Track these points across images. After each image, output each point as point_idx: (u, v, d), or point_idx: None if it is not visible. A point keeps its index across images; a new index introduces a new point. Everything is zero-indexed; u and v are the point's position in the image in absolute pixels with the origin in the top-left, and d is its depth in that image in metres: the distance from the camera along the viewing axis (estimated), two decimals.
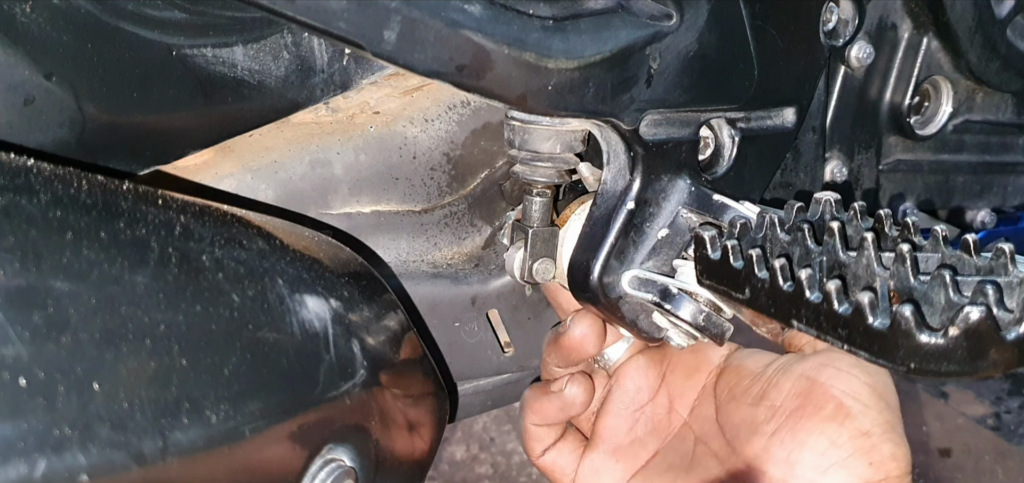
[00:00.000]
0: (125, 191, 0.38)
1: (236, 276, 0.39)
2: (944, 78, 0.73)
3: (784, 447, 0.49)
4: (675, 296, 0.53)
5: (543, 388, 0.59)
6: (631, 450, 0.59)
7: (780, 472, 0.49)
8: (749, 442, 0.51)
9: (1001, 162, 0.83)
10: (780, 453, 0.49)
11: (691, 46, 0.49)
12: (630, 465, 0.58)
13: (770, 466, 0.49)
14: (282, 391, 0.39)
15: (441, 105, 0.60)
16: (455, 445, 1.73)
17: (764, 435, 0.50)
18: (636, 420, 0.59)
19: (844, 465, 0.48)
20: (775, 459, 0.49)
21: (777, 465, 0.49)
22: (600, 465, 0.59)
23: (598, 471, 0.59)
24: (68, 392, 0.31)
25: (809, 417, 0.49)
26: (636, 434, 0.59)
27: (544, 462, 0.61)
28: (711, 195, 0.52)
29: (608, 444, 0.59)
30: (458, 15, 0.41)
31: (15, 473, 0.29)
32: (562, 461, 0.60)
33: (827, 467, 0.48)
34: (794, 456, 0.49)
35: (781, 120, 0.57)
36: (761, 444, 0.50)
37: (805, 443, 0.49)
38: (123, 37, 0.49)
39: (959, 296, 0.36)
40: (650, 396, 0.60)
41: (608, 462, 0.59)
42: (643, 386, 0.60)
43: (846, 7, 0.63)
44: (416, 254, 0.62)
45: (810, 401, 0.50)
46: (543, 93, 0.45)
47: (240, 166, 0.56)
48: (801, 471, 0.48)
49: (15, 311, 0.30)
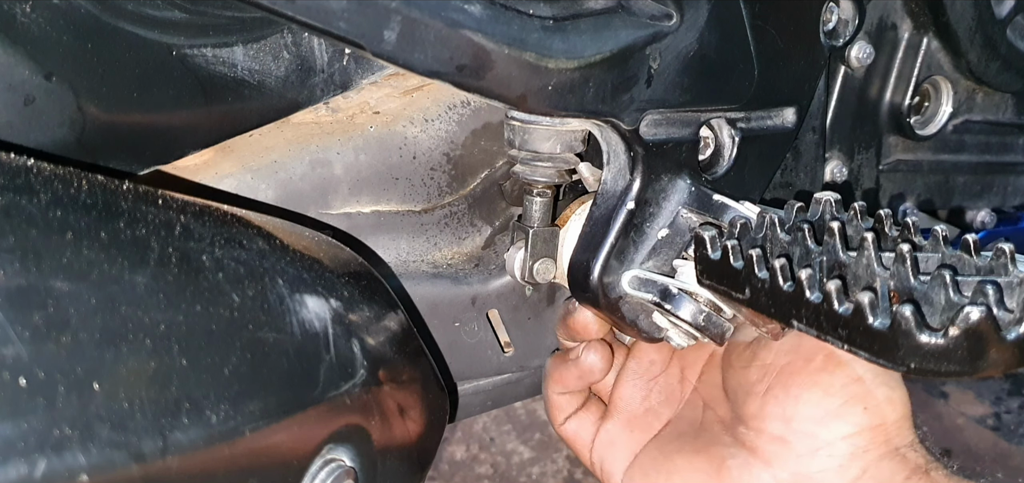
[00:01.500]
0: (125, 191, 0.38)
1: (236, 276, 0.39)
2: (944, 78, 0.73)
3: (779, 403, 0.50)
4: (675, 296, 0.53)
5: (562, 357, 0.60)
6: (645, 419, 0.60)
7: (778, 428, 0.50)
8: (746, 403, 0.52)
9: (1001, 162, 0.83)
10: (776, 409, 0.50)
11: (691, 46, 0.49)
12: (644, 433, 0.59)
13: (768, 423, 0.50)
14: (282, 391, 0.39)
15: (441, 105, 0.60)
16: (455, 445, 1.73)
17: (758, 394, 0.51)
18: (650, 390, 0.61)
19: (839, 414, 0.48)
20: (772, 416, 0.50)
21: (774, 422, 0.50)
22: (616, 434, 0.60)
23: (614, 440, 0.60)
24: (68, 392, 0.31)
25: (799, 371, 0.50)
26: (650, 403, 0.60)
27: (566, 430, 0.62)
28: (711, 195, 0.52)
29: (623, 413, 0.61)
30: (458, 15, 0.41)
31: (15, 473, 0.29)
32: (582, 430, 0.61)
33: (822, 417, 0.48)
34: (790, 411, 0.49)
35: (781, 120, 0.57)
36: (757, 403, 0.51)
37: (799, 397, 0.49)
38: (123, 37, 0.49)
39: (959, 296, 0.36)
40: (663, 367, 0.61)
41: (623, 431, 0.60)
42: (656, 358, 0.61)
43: (846, 7, 0.63)
44: (416, 254, 0.62)
45: (799, 355, 0.50)
46: (543, 93, 0.45)
47: (240, 166, 0.56)
48: (798, 425, 0.49)
49: (15, 311, 0.30)
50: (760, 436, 0.50)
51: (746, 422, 0.52)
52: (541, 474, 1.67)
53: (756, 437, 0.51)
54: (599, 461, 0.60)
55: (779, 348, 0.51)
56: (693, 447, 0.55)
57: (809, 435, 0.48)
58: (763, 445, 0.50)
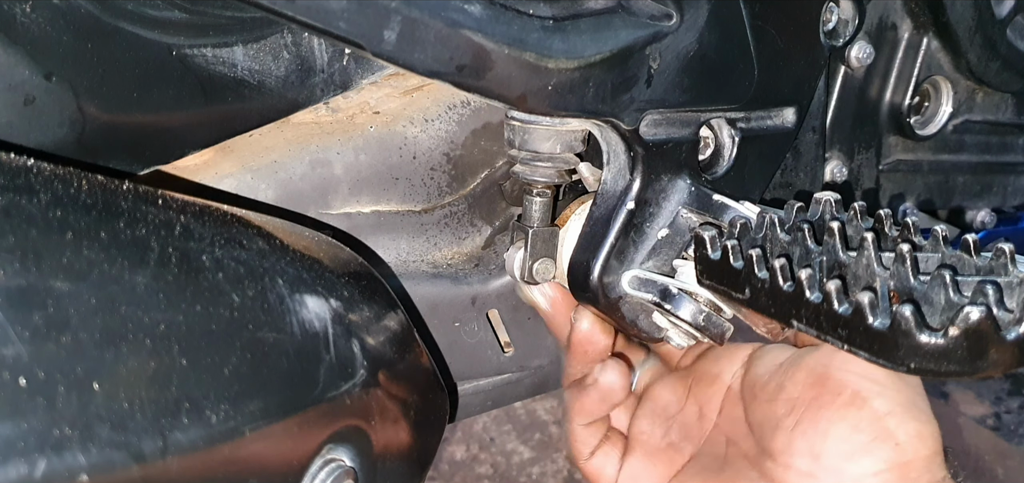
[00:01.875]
0: (125, 191, 0.38)
1: (236, 276, 0.39)
2: (944, 78, 0.73)
3: (807, 439, 0.49)
4: (675, 296, 0.53)
5: (579, 384, 0.59)
6: (667, 455, 0.59)
7: (806, 464, 0.49)
8: (773, 438, 0.51)
9: (1001, 162, 0.83)
10: (803, 445, 0.49)
11: (691, 46, 0.49)
12: (667, 469, 0.58)
13: (795, 459, 0.49)
14: (282, 391, 0.39)
15: (441, 105, 0.60)
16: (455, 445, 1.73)
17: (786, 429, 0.50)
18: (669, 426, 0.60)
19: (868, 450, 0.47)
20: (799, 452, 0.49)
21: (802, 458, 0.49)
22: (639, 471, 0.59)
23: (636, 477, 0.59)
24: (68, 392, 0.31)
25: (827, 406, 0.49)
26: (671, 439, 0.59)
27: (590, 467, 0.61)
28: (711, 195, 0.52)
29: (644, 448, 0.60)
30: (458, 15, 0.41)
31: (15, 473, 0.29)
32: (606, 467, 0.60)
33: (851, 452, 0.47)
34: (818, 447, 0.48)
35: (781, 120, 0.57)
36: (785, 438, 0.50)
37: (827, 433, 0.48)
38: (123, 37, 0.49)
39: (959, 296, 0.36)
40: (679, 407, 0.60)
41: (646, 467, 0.59)
42: (671, 399, 0.60)
43: (846, 7, 0.63)
44: (416, 254, 0.62)
45: (826, 390, 0.49)
46: (543, 93, 0.45)
47: (240, 166, 0.56)
48: (827, 461, 0.48)
49: (15, 311, 0.30)
50: (788, 471, 0.50)
51: (774, 457, 0.51)
52: (541, 474, 1.67)
53: (784, 472, 0.50)
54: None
55: (805, 381, 0.50)
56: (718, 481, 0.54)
57: (837, 470, 0.48)
58: (791, 480, 0.49)
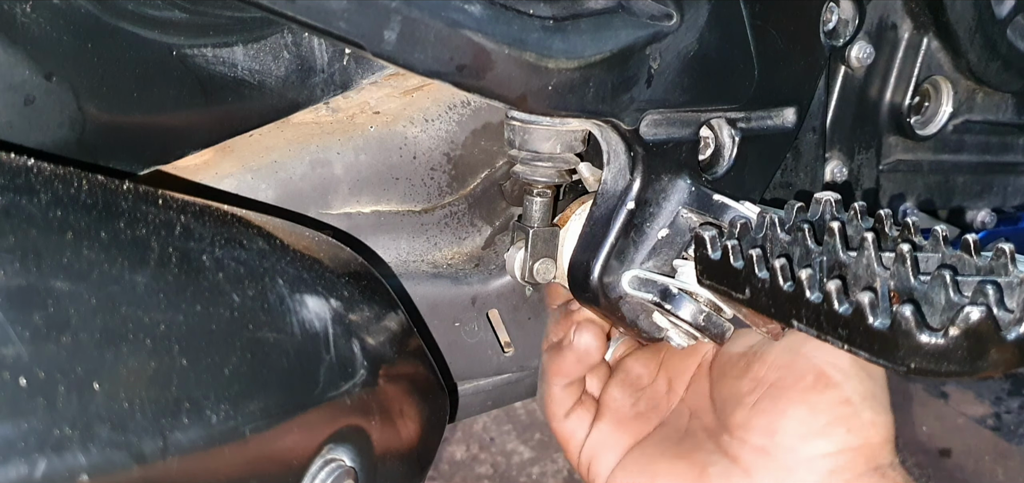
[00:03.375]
0: (125, 191, 0.38)
1: (236, 276, 0.39)
2: (944, 78, 0.73)
3: (766, 416, 0.50)
4: (675, 296, 0.53)
5: (556, 347, 0.60)
6: (634, 423, 0.60)
7: (762, 440, 0.50)
8: (734, 413, 0.52)
9: (1001, 162, 0.83)
10: (762, 422, 0.50)
11: (691, 46, 0.49)
12: (631, 437, 0.60)
13: (752, 435, 0.51)
14: (282, 391, 0.39)
15: (441, 105, 0.60)
16: (455, 445, 1.73)
17: (747, 406, 0.52)
18: (639, 397, 0.61)
19: (823, 432, 0.49)
20: (757, 428, 0.50)
21: (759, 434, 0.50)
22: (606, 436, 0.60)
23: (603, 442, 0.60)
24: (68, 392, 0.31)
25: (790, 387, 0.50)
26: (639, 409, 0.61)
27: (563, 427, 0.62)
28: (711, 195, 0.52)
29: (614, 416, 0.61)
30: (458, 15, 0.41)
31: (15, 473, 0.29)
32: (578, 429, 0.62)
33: (807, 434, 0.49)
34: (775, 424, 0.50)
35: (781, 120, 0.57)
36: (744, 414, 0.52)
37: (786, 412, 0.50)
38: (123, 37, 0.49)
39: (959, 296, 0.36)
40: (650, 379, 0.62)
41: (613, 434, 0.60)
42: (643, 372, 0.62)
43: (846, 7, 0.63)
44: (416, 254, 0.62)
45: (792, 371, 0.51)
46: (543, 93, 0.45)
47: (240, 166, 0.56)
48: (782, 439, 0.49)
49: (15, 311, 0.30)
50: (743, 446, 0.51)
51: (731, 431, 0.52)
52: (541, 474, 1.67)
53: (739, 446, 0.51)
54: (588, 460, 0.61)
55: (773, 363, 0.52)
56: (676, 452, 0.55)
57: (791, 449, 0.49)
58: (745, 455, 0.51)
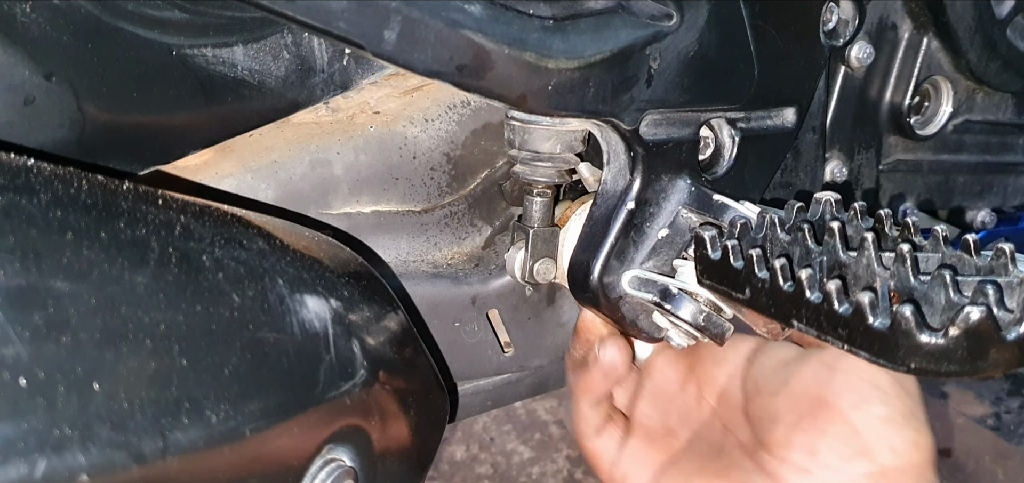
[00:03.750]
0: (125, 191, 0.38)
1: (236, 276, 0.39)
2: (944, 78, 0.73)
3: (807, 436, 0.50)
4: (675, 296, 0.53)
5: (581, 365, 0.59)
6: (665, 439, 0.60)
7: (802, 460, 0.50)
8: (772, 431, 0.52)
9: (1001, 162, 0.83)
10: (802, 441, 0.50)
11: (691, 46, 0.49)
12: (663, 453, 0.59)
13: (792, 454, 0.50)
14: (282, 391, 0.39)
15: (441, 105, 0.60)
16: (455, 445, 1.73)
17: (786, 424, 0.51)
18: (668, 411, 0.60)
19: (865, 453, 0.48)
20: (797, 447, 0.50)
21: (800, 453, 0.50)
22: (638, 453, 0.60)
23: (636, 459, 0.60)
24: (68, 392, 0.31)
25: (829, 407, 0.50)
26: (668, 422, 0.60)
27: (593, 447, 0.61)
28: (711, 195, 0.52)
29: (644, 431, 0.60)
30: (458, 15, 0.41)
31: (15, 473, 0.29)
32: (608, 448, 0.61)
33: (849, 454, 0.48)
34: (816, 444, 0.49)
35: (781, 120, 0.57)
36: (783, 433, 0.51)
37: (826, 431, 0.49)
38: (123, 37, 0.49)
39: (959, 296, 0.36)
40: (680, 385, 0.61)
41: (645, 450, 0.60)
42: (672, 377, 0.61)
43: (846, 7, 0.63)
44: (416, 254, 0.62)
45: (831, 390, 0.50)
46: (543, 93, 0.45)
47: (240, 166, 0.56)
48: (823, 459, 0.49)
49: (15, 311, 0.30)
50: (783, 465, 0.50)
51: (770, 450, 0.51)
52: (541, 474, 1.67)
53: (779, 465, 0.51)
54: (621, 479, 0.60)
55: (810, 380, 0.51)
56: (713, 469, 0.55)
57: (833, 469, 0.49)
58: (785, 474, 0.50)
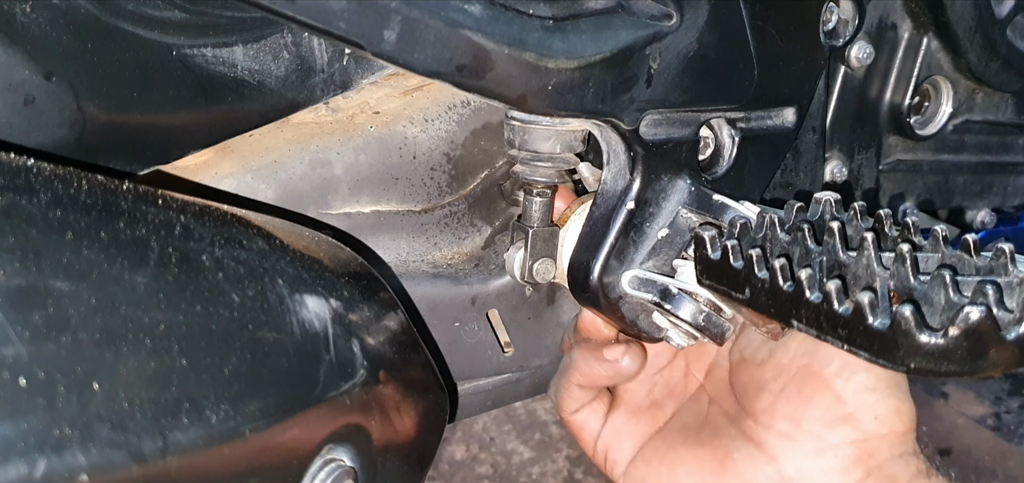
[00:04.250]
0: (125, 191, 0.38)
1: (236, 276, 0.39)
2: (944, 78, 0.73)
3: (790, 403, 0.50)
4: (675, 296, 0.53)
5: (595, 352, 0.58)
6: (650, 412, 0.60)
7: (786, 427, 0.50)
8: (757, 399, 0.52)
9: (1001, 162, 0.83)
10: (787, 408, 0.50)
11: (691, 46, 0.49)
12: (648, 426, 0.59)
13: (776, 421, 0.51)
14: (282, 391, 0.39)
15: (441, 105, 0.60)
16: (455, 445, 1.73)
17: (771, 392, 0.52)
18: (654, 384, 0.61)
19: (849, 420, 0.49)
20: (781, 414, 0.51)
21: (784, 420, 0.50)
22: (622, 426, 0.60)
23: (619, 431, 0.60)
24: (68, 392, 0.31)
25: (814, 375, 0.50)
26: (654, 396, 0.61)
27: (575, 419, 0.61)
28: (711, 195, 0.52)
29: (628, 405, 0.61)
30: (458, 15, 0.41)
31: (15, 473, 0.29)
32: (591, 420, 0.61)
33: (833, 420, 0.49)
34: (801, 411, 0.50)
35: (781, 120, 0.57)
36: (768, 401, 0.52)
37: (811, 399, 0.50)
38: (123, 37, 0.49)
39: (959, 296, 0.36)
40: (668, 361, 0.61)
41: (629, 423, 0.60)
42: (660, 352, 0.61)
43: (846, 7, 0.63)
44: (416, 254, 0.62)
45: (816, 359, 0.51)
46: (543, 93, 0.45)
47: (240, 166, 0.56)
48: (807, 426, 0.50)
49: (15, 311, 0.30)
50: (768, 431, 0.51)
51: (754, 417, 0.52)
52: (541, 474, 1.67)
53: (763, 432, 0.51)
54: (604, 451, 0.60)
55: (796, 349, 0.52)
56: (697, 439, 0.56)
57: (817, 436, 0.49)
58: (770, 440, 0.51)
